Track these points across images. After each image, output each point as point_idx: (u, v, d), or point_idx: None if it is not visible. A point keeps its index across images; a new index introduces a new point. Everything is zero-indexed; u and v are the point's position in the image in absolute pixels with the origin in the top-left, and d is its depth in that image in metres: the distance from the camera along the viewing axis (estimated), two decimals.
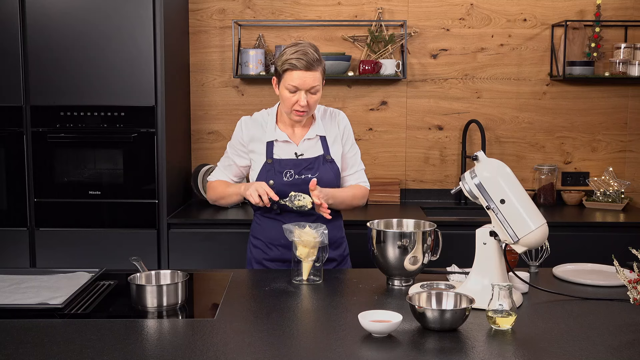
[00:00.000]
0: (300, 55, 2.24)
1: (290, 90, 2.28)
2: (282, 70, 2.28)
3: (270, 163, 2.37)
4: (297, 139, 2.41)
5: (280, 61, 2.28)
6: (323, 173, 2.38)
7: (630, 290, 1.75)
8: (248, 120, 2.45)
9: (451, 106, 3.91)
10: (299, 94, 2.27)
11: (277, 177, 2.35)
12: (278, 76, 2.32)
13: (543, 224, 1.88)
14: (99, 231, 3.35)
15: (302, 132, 2.42)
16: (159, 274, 2.02)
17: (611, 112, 3.91)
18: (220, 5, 3.85)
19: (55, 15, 3.26)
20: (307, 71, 2.25)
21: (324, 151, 2.41)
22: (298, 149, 2.39)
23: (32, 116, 3.31)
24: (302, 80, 2.25)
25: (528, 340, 1.66)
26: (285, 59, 2.26)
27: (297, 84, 2.26)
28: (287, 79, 2.27)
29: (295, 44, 2.29)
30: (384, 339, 1.64)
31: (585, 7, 3.83)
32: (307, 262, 2.13)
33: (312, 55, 2.26)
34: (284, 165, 2.36)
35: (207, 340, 1.65)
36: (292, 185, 2.34)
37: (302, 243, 2.11)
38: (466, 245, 2.18)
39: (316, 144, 2.41)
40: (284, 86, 2.29)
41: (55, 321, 1.79)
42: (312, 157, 2.39)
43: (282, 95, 2.31)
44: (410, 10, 3.85)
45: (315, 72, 2.27)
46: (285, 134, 2.39)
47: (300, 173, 2.36)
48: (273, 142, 2.39)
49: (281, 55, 2.30)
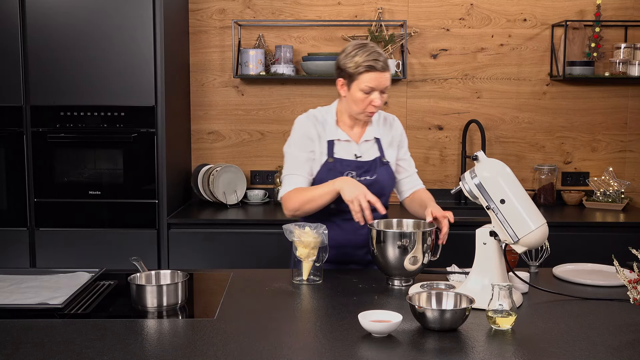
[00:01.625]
0: (375, 56, 2.23)
1: (365, 92, 2.26)
2: (357, 73, 2.25)
3: (331, 162, 2.34)
4: (357, 140, 2.39)
5: (352, 63, 2.25)
6: (380, 175, 2.37)
7: (630, 290, 1.75)
8: (311, 116, 2.41)
9: (451, 106, 3.91)
10: (374, 94, 2.27)
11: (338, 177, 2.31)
12: (349, 78, 2.28)
13: (543, 224, 1.88)
14: (99, 231, 3.35)
15: (360, 133, 2.40)
16: (159, 274, 2.02)
17: (611, 112, 3.91)
18: (220, 5, 3.85)
19: (55, 15, 3.26)
20: (383, 72, 2.25)
21: (380, 153, 2.41)
22: (357, 150, 2.38)
23: (32, 116, 3.31)
24: (379, 81, 2.25)
25: (528, 340, 1.66)
26: (360, 61, 2.23)
27: (374, 84, 2.24)
28: (364, 80, 2.24)
29: (362, 44, 2.27)
30: (384, 339, 1.64)
31: (585, 7, 3.83)
32: (307, 262, 2.13)
33: (384, 56, 2.26)
34: (345, 166, 2.34)
35: (207, 340, 1.65)
36: None
37: (302, 243, 2.11)
38: (466, 245, 2.18)
39: (373, 146, 2.41)
40: (358, 88, 2.26)
41: (55, 321, 1.79)
42: (370, 160, 2.38)
43: (354, 97, 2.28)
44: (410, 10, 3.85)
45: (389, 72, 2.28)
46: (346, 134, 2.38)
47: (360, 175, 2.35)
48: (334, 141, 2.36)
49: (350, 56, 2.26)
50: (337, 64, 2.31)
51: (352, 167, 2.34)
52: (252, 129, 3.93)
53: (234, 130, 3.93)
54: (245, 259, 3.29)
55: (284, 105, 3.91)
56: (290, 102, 3.91)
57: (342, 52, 2.32)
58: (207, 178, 3.69)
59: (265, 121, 3.92)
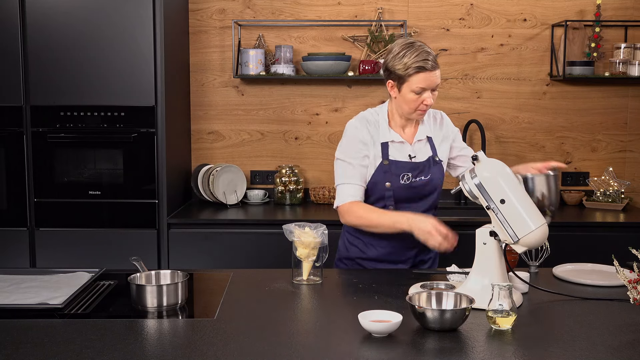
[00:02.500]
0: (425, 56, 2.21)
1: (416, 92, 2.25)
2: (408, 75, 2.23)
3: (387, 164, 2.33)
4: (410, 140, 2.38)
5: (401, 64, 2.23)
6: (433, 175, 2.37)
7: (630, 290, 1.75)
8: (362, 119, 2.38)
9: (451, 106, 3.90)
10: (425, 93, 2.26)
11: (394, 180, 2.32)
12: (398, 79, 2.26)
13: (543, 224, 1.88)
14: (99, 231, 3.35)
15: (413, 133, 2.39)
16: (159, 274, 2.02)
17: (611, 112, 3.91)
18: (220, 5, 3.85)
19: (55, 15, 3.26)
20: (434, 71, 2.24)
21: (432, 152, 2.40)
22: (411, 151, 2.37)
23: (32, 116, 3.31)
24: (431, 80, 2.24)
25: (528, 340, 1.66)
26: (410, 62, 2.21)
27: (425, 85, 2.23)
28: (415, 81, 2.23)
29: (409, 44, 2.24)
30: (384, 339, 1.64)
31: (585, 7, 3.83)
32: (307, 262, 2.13)
33: (433, 54, 2.25)
34: (400, 168, 2.33)
35: (207, 340, 1.65)
36: (407, 188, 2.33)
37: (302, 244, 2.11)
38: (466, 245, 2.18)
39: (425, 145, 2.40)
40: (409, 89, 2.25)
41: (55, 321, 1.79)
42: (424, 160, 2.37)
43: (406, 98, 2.27)
44: (410, 10, 3.85)
45: (439, 70, 2.27)
46: (399, 135, 2.37)
47: (416, 176, 2.35)
48: (388, 143, 2.35)
49: (398, 57, 2.24)
50: (385, 66, 2.29)
51: (407, 169, 2.33)
52: (252, 129, 3.93)
53: (234, 130, 3.93)
54: (245, 259, 3.29)
55: (284, 105, 3.91)
56: (290, 102, 3.91)
57: (388, 52, 2.29)
58: (207, 178, 3.69)
59: (265, 121, 3.92)
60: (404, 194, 2.33)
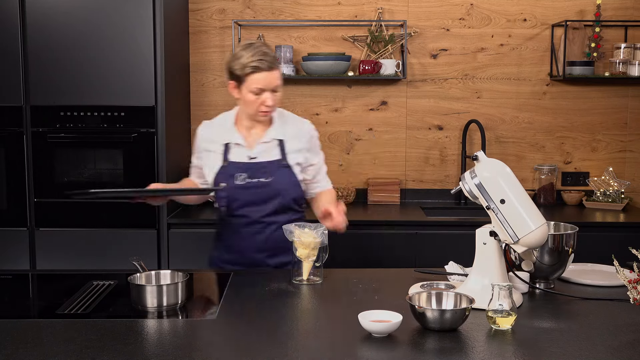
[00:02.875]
0: (260, 56, 2.23)
1: (255, 93, 2.26)
2: (244, 74, 2.25)
3: (225, 166, 2.37)
4: (252, 142, 2.38)
5: (238, 65, 2.25)
6: (278, 177, 2.35)
7: (630, 290, 1.75)
8: (207, 123, 2.49)
9: (451, 106, 3.91)
10: (264, 94, 2.26)
11: (229, 180, 2.34)
12: (237, 80, 2.28)
13: (543, 224, 1.88)
14: (99, 231, 3.35)
15: (260, 135, 2.39)
16: (159, 274, 2.02)
17: (611, 112, 3.91)
18: (220, 5, 3.85)
19: (55, 15, 3.26)
20: (271, 71, 2.24)
21: (281, 156, 2.38)
22: (252, 152, 2.37)
23: (32, 116, 3.31)
24: (267, 81, 2.25)
25: (528, 340, 1.66)
26: (246, 62, 2.23)
27: (263, 85, 2.25)
28: (251, 82, 2.24)
29: (249, 44, 2.28)
30: (384, 339, 1.64)
31: (585, 7, 3.83)
32: (307, 262, 2.13)
33: (271, 55, 2.26)
34: (236, 168, 2.35)
35: (207, 340, 1.65)
36: (244, 188, 2.34)
37: (302, 244, 2.11)
38: (466, 245, 2.18)
39: (273, 148, 2.38)
40: (247, 90, 2.26)
41: (55, 321, 1.79)
42: (266, 161, 2.36)
43: (245, 99, 2.29)
44: (410, 10, 3.85)
45: (277, 70, 2.27)
46: (241, 137, 2.38)
47: (254, 176, 2.34)
48: (229, 145, 2.38)
49: (237, 58, 2.27)
50: (226, 67, 2.32)
51: (243, 169, 2.35)
52: None
53: None
54: None
55: (284, 105, 3.90)
56: (290, 102, 3.91)
57: (231, 54, 2.33)
58: None
59: None
60: (240, 195, 2.33)
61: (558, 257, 2.04)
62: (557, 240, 2.03)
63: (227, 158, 2.37)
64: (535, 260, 2.03)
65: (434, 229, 3.32)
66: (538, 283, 2.08)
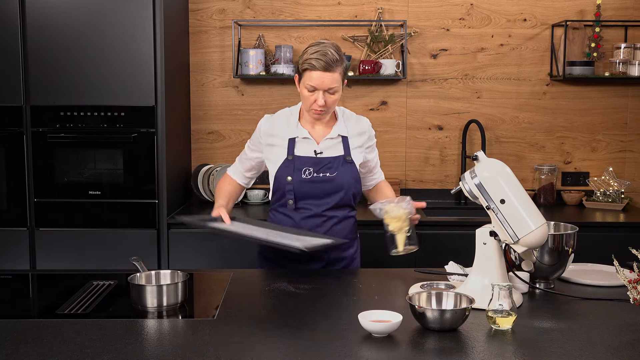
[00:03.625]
0: (319, 55, 2.24)
1: (308, 90, 2.29)
2: (302, 70, 2.29)
3: (290, 160, 2.37)
4: (318, 137, 2.41)
5: (301, 60, 2.29)
6: (342, 173, 2.38)
7: (630, 290, 1.75)
8: (269, 117, 2.48)
9: (451, 106, 3.91)
10: (317, 93, 2.28)
11: (296, 174, 2.35)
12: (299, 74, 2.33)
13: (543, 224, 1.88)
14: (99, 231, 3.35)
15: (325, 131, 2.42)
16: (159, 274, 2.02)
17: (611, 112, 3.91)
18: (220, 5, 3.85)
19: (55, 15, 3.25)
20: (325, 72, 2.25)
21: (345, 152, 2.41)
22: (318, 147, 2.39)
23: (32, 116, 3.31)
24: (320, 80, 2.26)
25: (528, 340, 1.66)
26: (306, 58, 2.27)
27: (316, 84, 2.26)
28: (306, 78, 2.28)
29: (318, 43, 2.29)
30: (384, 339, 1.64)
31: (585, 7, 3.83)
32: (401, 234, 2.17)
33: (331, 56, 2.25)
34: (303, 163, 2.37)
35: (207, 340, 1.65)
36: (309, 183, 2.35)
37: (394, 218, 2.15)
38: (466, 245, 2.18)
39: (337, 144, 2.41)
40: (303, 85, 2.30)
41: (55, 321, 1.79)
42: (332, 157, 2.39)
43: (301, 94, 2.33)
44: (410, 10, 3.85)
45: (334, 73, 2.26)
46: (307, 132, 2.39)
47: (319, 171, 2.36)
48: (295, 139, 2.39)
49: (303, 53, 2.30)
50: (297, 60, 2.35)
51: (310, 164, 2.37)
52: (252, 129, 3.87)
53: (234, 130, 3.93)
54: (245, 259, 3.29)
55: (284, 105, 3.85)
56: (290, 102, 3.90)
57: None
58: (207, 178, 3.69)
59: None
60: (305, 189, 2.35)
61: (558, 257, 2.04)
62: (557, 240, 2.03)
63: (292, 152, 2.38)
64: (535, 260, 2.03)
65: (434, 229, 3.32)
66: (538, 283, 2.08)
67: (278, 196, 2.41)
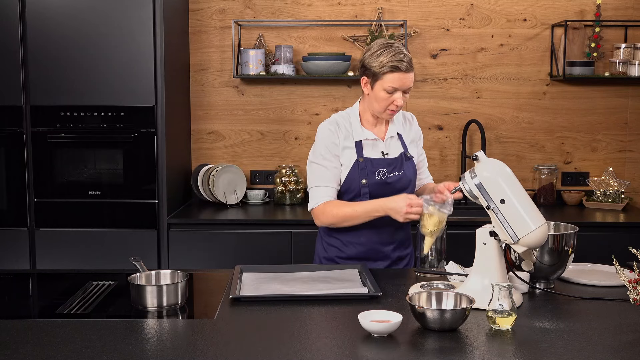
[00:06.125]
0: (400, 57, 2.25)
1: (388, 91, 2.28)
2: (382, 73, 2.27)
3: (362, 162, 2.37)
4: (381, 137, 2.43)
5: (377, 62, 2.27)
6: (406, 170, 2.42)
7: (630, 290, 1.75)
8: (331, 122, 2.41)
9: (451, 106, 3.91)
10: (397, 94, 2.29)
11: (370, 177, 2.36)
12: (373, 77, 2.30)
13: (543, 224, 1.88)
14: (99, 231, 3.35)
15: (384, 130, 2.44)
16: (159, 274, 2.02)
17: (611, 112, 3.91)
18: (220, 5, 3.85)
19: (55, 15, 3.26)
20: (408, 73, 2.27)
21: (404, 149, 2.45)
22: (384, 148, 2.41)
23: (32, 116, 3.31)
24: (403, 81, 2.27)
25: (528, 340, 1.66)
26: (385, 61, 2.25)
27: (398, 85, 2.27)
28: (388, 80, 2.27)
29: (387, 44, 2.29)
30: (384, 339, 1.64)
31: (585, 7, 3.83)
32: (431, 237, 2.17)
33: (409, 57, 2.28)
34: (375, 165, 2.38)
35: (207, 340, 1.65)
36: (383, 184, 2.37)
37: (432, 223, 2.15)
38: (466, 245, 2.18)
39: (397, 142, 2.45)
40: (381, 87, 2.29)
41: (55, 321, 1.79)
42: (396, 156, 2.42)
43: (377, 96, 2.31)
44: (410, 10, 3.85)
45: (413, 73, 2.30)
46: (372, 133, 2.41)
47: (391, 172, 2.39)
48: (362, 142, 2.39)
49: (375, 55, 2.28)
50: (362, 62, 2.33)
51: (382, 165, 2.38)
52: (252, 129, 3.93)
53: (234, 130, 3.93)
54: (246, 259, 3.29)
55: (284, 105, 3.91)
56: (290, 102, 3.91)
57: (367, 50, 2.34)
58: (207, 178, 3.69)
59: (265, 121, 3.92)
60: (379, 190, 2.36)
61: (558, 257, 2.04)
62: (557, 240, 2.03)
63: (362, 154, 2.38)
64: (535, 260, 2.03)
65: None
66: (538, 283, 2.08)
67: (349, 198, 2.40)
